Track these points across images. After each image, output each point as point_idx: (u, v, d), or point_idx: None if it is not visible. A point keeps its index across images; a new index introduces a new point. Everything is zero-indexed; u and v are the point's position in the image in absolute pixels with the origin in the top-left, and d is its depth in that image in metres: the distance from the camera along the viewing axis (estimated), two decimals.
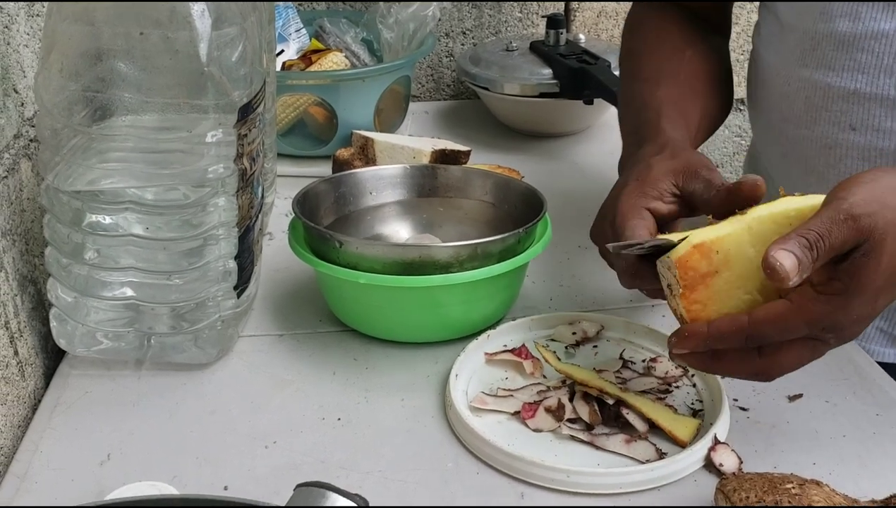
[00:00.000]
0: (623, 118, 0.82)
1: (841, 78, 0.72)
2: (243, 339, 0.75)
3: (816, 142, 0.75)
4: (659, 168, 0.64)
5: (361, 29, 1.23)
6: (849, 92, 0.72)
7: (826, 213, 0.52)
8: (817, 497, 0.50)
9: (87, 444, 0.63)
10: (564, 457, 0.61)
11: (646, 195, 0.62)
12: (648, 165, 0.64)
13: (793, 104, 0.77)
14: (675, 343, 0.56)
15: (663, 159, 0.65)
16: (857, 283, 0.52)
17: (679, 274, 0.55)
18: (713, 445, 0.60)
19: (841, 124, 0.73)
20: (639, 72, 0.81)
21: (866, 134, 0.72)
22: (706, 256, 0.55)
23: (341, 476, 0.60)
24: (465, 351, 0.70)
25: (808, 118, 0.75)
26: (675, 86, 0.77)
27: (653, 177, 0.63)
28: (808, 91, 0.75)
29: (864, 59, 0.71)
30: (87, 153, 0.65)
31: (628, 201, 0.62)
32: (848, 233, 0.51)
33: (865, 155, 0.73)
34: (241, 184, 0.68)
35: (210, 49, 0.62)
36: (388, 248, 0.72)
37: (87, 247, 0.67)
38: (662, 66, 0.80)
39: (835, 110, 0.73)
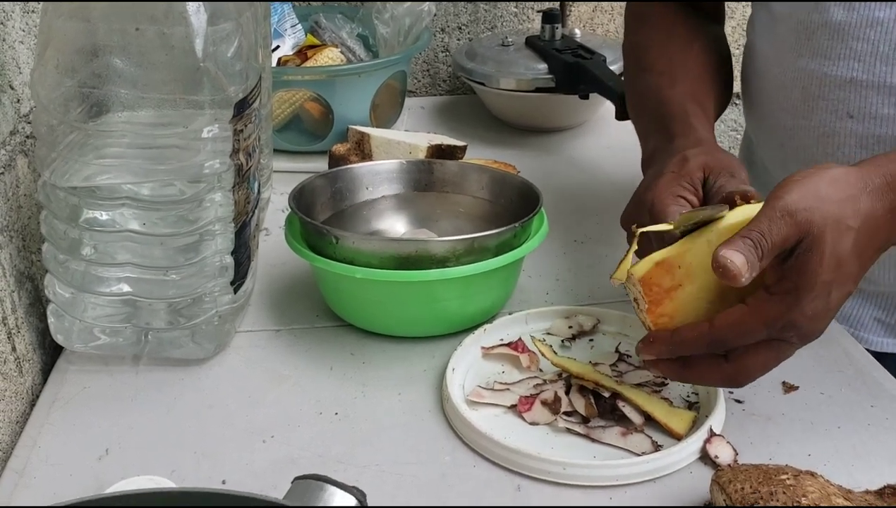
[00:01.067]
0: (640, 111, 0.82)
1: (837, 67, 0.72)
2: (240, 335, 0.75)
3: (814, 131, 0.75)
4: (695, 161, 0.65)
5: (357, 24, 1.23)
6: (845, 80, 0.72)
7: (765, 213, 0.54)
8: (812, 488, 0.50)
9: (86, 439, 0.64)
10: (561, 450, 0.61)
11: (681, 185, 0.63)
12: (685, 157, 0.66)
13: (789, 94, 0.77)
14: (642, 349, 0.58)
15: (699, 154, 0.66)
16: (804, 280, 0.54)
17: (644, 290, 0.57)
18: (709, 437, 0.61)
19: (838, 112, 0.73)
20: (651, 65, 0.82)
21: (864, 121, 0.72)
22: (669, 272, 0.57)
23: (339, 470, 0.60)
24: (462, 346, 0.71)
25: (805, 107, 0.76)
26: (691, 82, 0.78)
27: (688, 169, 0.64)
28: (805, 80, 0.75)
29: (861, 47, 0.71)
30: (83, 149, 0.65)
31: (666, 189, 0.63)
32: (787, 229, 0.53)
33: (863, 142, 0.73)
34: (238, 180, 0.68)
35: (206, 45, 0.62)
36: (384, 243, 0.72)
37: (84, 243, 0.67)
38: (675, 59, 0.81)
39: (832, 99, 0.73)
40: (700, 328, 0.56)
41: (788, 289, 0.54)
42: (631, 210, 0.68)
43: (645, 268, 0.57)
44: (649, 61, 0.82)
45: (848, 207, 0.54)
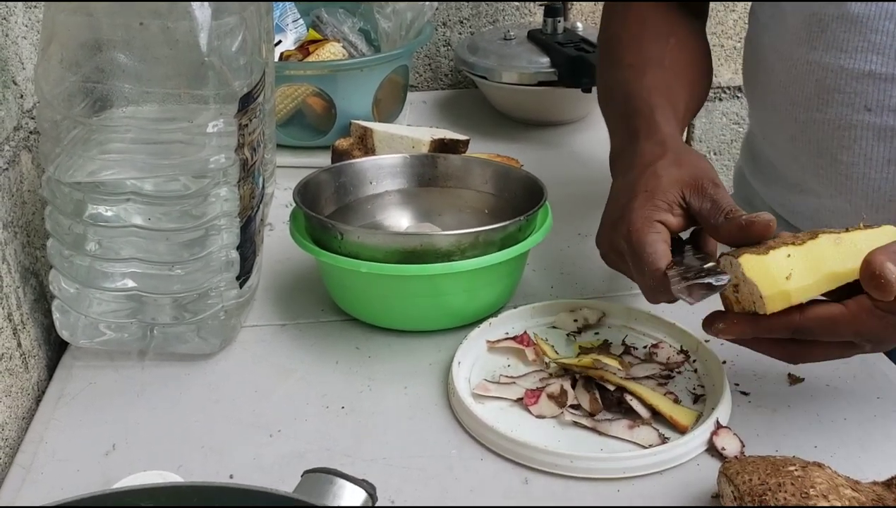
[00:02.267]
0: (607, 106, 0.81)
1: (854, 59, 0.72)
2: (246, 329, 0.75)
3: (829, 124, 0.75)
4: (667, 177, 0.63)
5: (359, 19, 1.22)
6: (863, 73, 0.72)
7: None
8: (820, 479, 0.50)
9: (92, 435, 0.64)
10: (567, 443, 0.62)
11: (657, 208, 0.61)
12: (656, 174, 0.63)
13: (802, 87, 0.76)
14: (723, 329, 0.57)
15: (669, 166, 0.64)
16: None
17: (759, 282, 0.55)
18: (715, 429, 0.61)
19: (855, 105, 0.73)
20: (621, 58, 0.80)
21: (882, 114, 0.72)
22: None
23: (346, 464, 0.60)
24: (467, 339, 0.71)
25: (820, 100, 0.75)
26: (661, 74, 0.77)
27: (662, 188, 0.62)
28: (819, 73, 0.74)
29: (879, 39, 0.70)
30: (87, 144, 0.65)
31: (641, 214, 0.61)
32: None
33: (881, 135, 0.72)
34: (243, 174, 0.68)
35: (210, 39, 0.62)
36: (389, 237, 0.72)
37: (89, 239, 0.67)
38: (646, 52, 0.79)
39: (848, 92, 0.73)
40: (790, 318, 0.55)
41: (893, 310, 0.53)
42: (605, 232, 0.66)
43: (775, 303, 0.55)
44: (619, 54, 0.81)
45: None
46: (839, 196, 0.76)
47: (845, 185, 0.75)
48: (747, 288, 0.56)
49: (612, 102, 0.79)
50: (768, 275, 0.55)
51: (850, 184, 0.75)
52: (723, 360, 0.67)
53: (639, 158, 0.67)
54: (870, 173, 0.74)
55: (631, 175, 0.66)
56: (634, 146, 0.69)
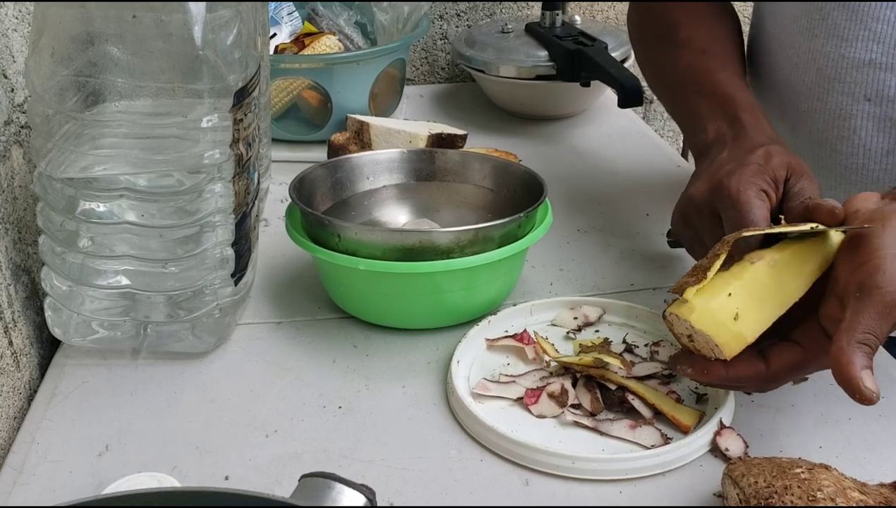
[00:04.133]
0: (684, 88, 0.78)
1: (855, 48, 0.71)
2: (241, 327, 0.74)
3: (829, 113, 0.74)
4: (779, 159, 0.64)
5: (355, 12, 1.21)
6: (863, 62, 0.71)
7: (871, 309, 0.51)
8: (827, 481, 0.49)
9: (85, 435, 0.63)
10: (568, 443, 0.61)
11: (766, 180, 0.62)
12: (769, 153, 0.64)
13: (802, 76, 0.76)
14: (692, 374, 0.57)
15: (783, 152, 0.65)
16: None
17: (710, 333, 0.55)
18: (719, 430, 0.60)
19: (855, 95, 0.72)
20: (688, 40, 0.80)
21: (881, 104, 0.71)
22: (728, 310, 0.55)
23: (343, 465, 0.59)
24: (466, 337, 0.70)
25: (821, 89, 0.74)
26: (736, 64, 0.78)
27: (773, 165, 0.63)
28: (820, 62, 0.74)
29: (880, 28, 0.70)
30: (79, 139, 0.64)
31: (751, 180, 0.62)
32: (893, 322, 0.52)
33: (880, 125, 0.72)
34: (238, 170, 0.66)
35: (205, 32, 0.61)
36: (388, 234, 0.71)
37: (81, 235, 0.65)
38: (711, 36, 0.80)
39: (848, 81, 0.72)
40: (756, 368, 0.56)
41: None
42: (706, 190, 0.65)
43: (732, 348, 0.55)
44: (684, 37, 0.80)
45: None
46: (839, 186, 0.75)
47: (844, 176, 0.75)
48: (701, 338, 0.56)
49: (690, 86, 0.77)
50: (716, 322, 0.55)
51: (849, 174, 0.74)
52: None
53: (750, 141, 0.67)
54: (869, 164, 0.73)
55: (741, 149, 0.66)
56: (740, 133, 0.69)
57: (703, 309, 0.55)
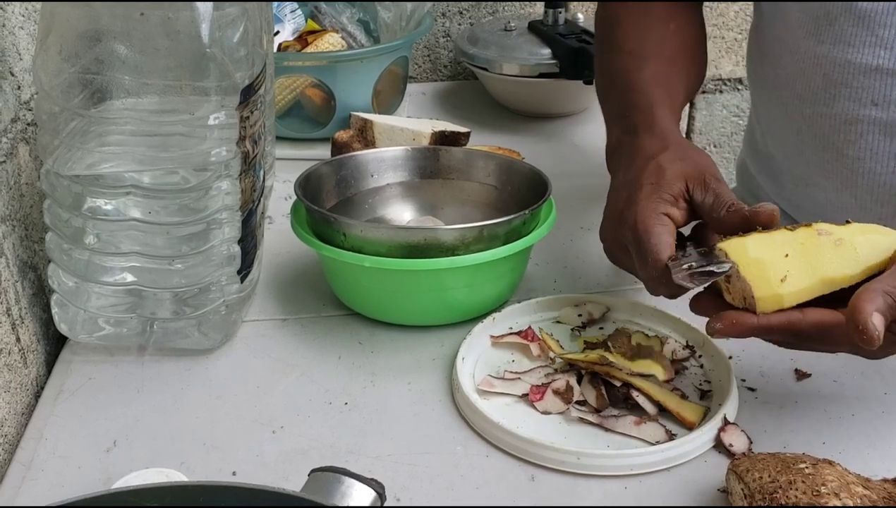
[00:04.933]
0: (605, 93, 0.79)
1: (862, 54, 0.71)
2: (247, 324, 0.74)
3: (836, 118, 0.74)
4: (671, 171, 0.63)
5: (358, 9, 1.21)
6: (870, 68, 0.71)
7: None
8: (831, 476, 0.50)
9: (93, 431, 0.63)
10: (574, 439, 0.61)
11: (663, 200, 0.61)
12: (660, 167, 0.63)
13: (809, 81, 0.76)
14: (720, 329, 0.56)
15: (673, 160, 0.64)
16: None
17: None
18: (723, 426, 0.60)
19: (862, 100, 0.72)
20: (621, 43, 0.79)
21: (888, 109, 0.71)
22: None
23: (350, 461, 0.59)
24: (471, 334, 0.70)
25: (827, 95, 0.74)
26: (661, 64, 0.76)
27: (667, 181, 0.62)
28: (826, 67, 0.74)
29: (887, 34, 0.70)
30: (86, 136, 0.64)
31: (648, 206, 0.61)
32: None
33: (887, 130, 0.72)
34: (244, 167, 0.67)
35: (212, 30, 0.61)
36: (393, 232, 0.71)
37: (88, 232, 0.66)
38: (647, 39, 0.78)
39: (855, 86, 0.72)
40: (791, 320, 0.54)
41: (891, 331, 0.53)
42: (609, 225, 0.66)
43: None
44: (619, 38, 0.79)
45: None
46: (845, 190, 0.76)
47: (851, 180, 0.75)
48: (740, 284, 0.55)
49: (611, 90, 0.78)
50: (764, 277, 0.54)
51: (855, 178, 0.74)
52: (729, 356, 0.67)
53: (639, 152, 0.66)
54: (875, 168, 0.73)
55: (633, 168, 0.66)
56: (633, 140, 0.68)
57: (755, 258, 0.54)
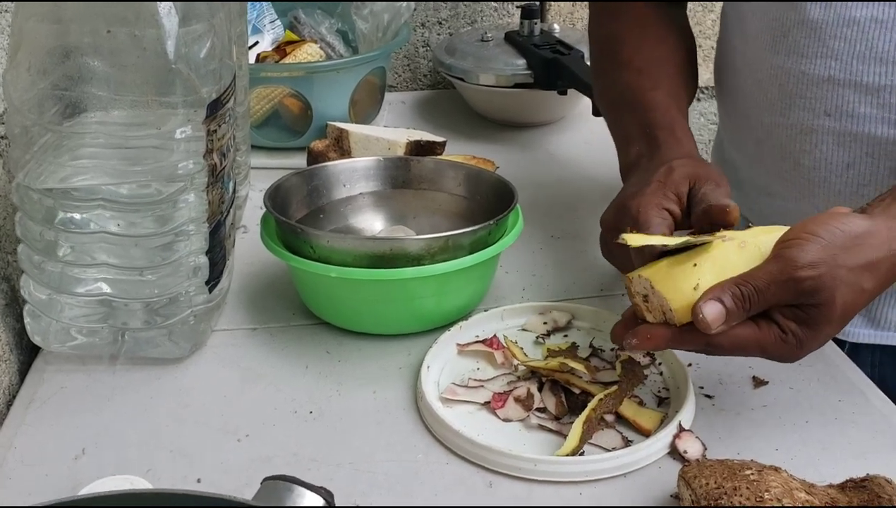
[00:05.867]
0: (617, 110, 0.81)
1: (814, 65, 0.73)
2: (217, 333, 0.75)
3: (792, 128, 0.76)
4: (680, 171, 0.66)
5: (336, 20, 1.23)
6: (822, 79, 0.73)
7: (771, 269, 0.55)
8: (775, 483, 0.51)
9: (62, 439, 0.64)
10: (532, 446, 0.62)
11: (667, 197, 0.64)
12: (671, 168, 0.66)
13: (766, 91, 0.77)
14: (635, 344, 0.58)
15: (685, 164, 0.67)
16: (812, 332, 0.56)
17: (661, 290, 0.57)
18: (678, 432, 0.61)
19: (816, 110, 0.74)
20: (628, 61, 0.81)
21: (841, 120, 0.73)
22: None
23: (312, 469, 0.60)
24: (438, 343, 0.71)
25: (783, 105, 0.76)
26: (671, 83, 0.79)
27: (673, 180, 0.65)
28: (782, 78, 0.75)
29: (837, 46, 0.71)
30: (58, 150, 0.65)
31: (651, 200, 0.64)
32: (787, 292, 0.55)
33: (841, 140, 0.74)
34: (211, 180, 0.68)
35: (178, 46, 0.62)
36: (359, 242, 0.73)
37: (60, 245, 0.67)
38: (653, 56, 0.81)
39: (809, 97, 0.74)
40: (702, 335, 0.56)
41: (797, 335, 0.56)
42: (613, 214, 0.68)
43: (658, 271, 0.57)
44: (625, 56, 0.82)
45: (867, 274, 0.56)
46: (803, 199, 0.77)
47: (808, 189, 0.76)
48: (657, 299, 0.57)
49: (621, 106, 0.79)
50: (676, 288, 0.56)
51: (812, 187, 0.76)
52: (688, 363, 0.68)
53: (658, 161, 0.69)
54: (830, 177, 0.75)
55: (648, 171, 0.68)
56: (657, 153, 0.71)
57: (667, 272, 0.56)
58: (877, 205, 0.59)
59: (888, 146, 0.72)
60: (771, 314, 0.56)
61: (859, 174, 0.74)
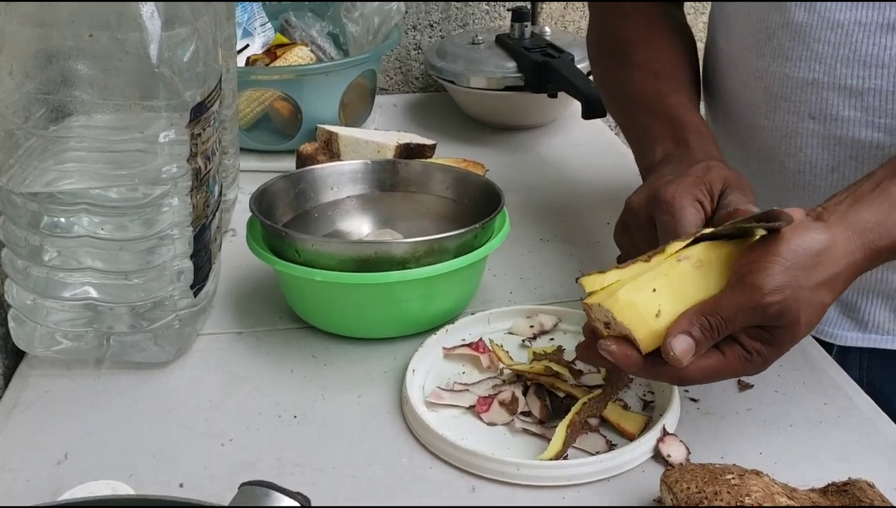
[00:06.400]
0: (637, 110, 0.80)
1: (798, 68, 0.73)
2: (203, 337, 0.75)
3: (777, 131, 0.76)
4: (717, 172, 0.66)
5: (327, 23, 1.23)
6: (806, 82, 0.73)
7: (737, 298, 0.55)
8: (756, 487, 0.51)
9: (46, 444, 0.64)
10: (516, 450, 0.62)
11: (702, 191, 0.64)
12: (708, 167, 0.67)
13: (751, 94, 0.78)
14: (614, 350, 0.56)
15: (723, 168, 0.67)
16: (776, 349, 0.57)
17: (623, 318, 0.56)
18: (662, 436, 0.61)
19: (800, 113, 0.74)
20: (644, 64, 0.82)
21: (825, 123, 0.73)
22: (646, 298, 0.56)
23: (295, 474, 0.60)
24: (424, 346, 0.71)
25: (768, 108, 0.76)
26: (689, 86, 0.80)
27: (710, 178, 0.65)
28: (767, 81, 0.76)
29: (821, 49, 0.72)
30: (43, 154, 0.65)
31: (688, 190, 0.64)
32: (753, 318, 0.55)
33: (825, 143, 0.74)
34: (196, 184, 0.68)
35: (161, 50, 0.62)
36: (344, 246, 0.73)
37: (46, 249, 0.67)
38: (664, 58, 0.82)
39: (794, 100, 0.74)
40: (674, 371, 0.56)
41: (762, 354, 0.57)
42: (644, 197, 0.67)
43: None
44: (640, 59, 0.82)
45: (825, 290, 0.56)
46: (787, 202, 0.77)
47: (793, 192, 0.76)
48: (619, 327, 0.56)
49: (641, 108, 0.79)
50: (638, 317, 0.55)
51: (796, 190, 0.76)
52: None
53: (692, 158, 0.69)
54: (815, 180, 0.75)
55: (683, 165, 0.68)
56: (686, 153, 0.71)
57: (627, 301, 0.55)
58: (833, 209, 0.59)
59: (872, 149, 0.72)
60: (736, 337, 0.56)
61: (843, 177, 0.74)
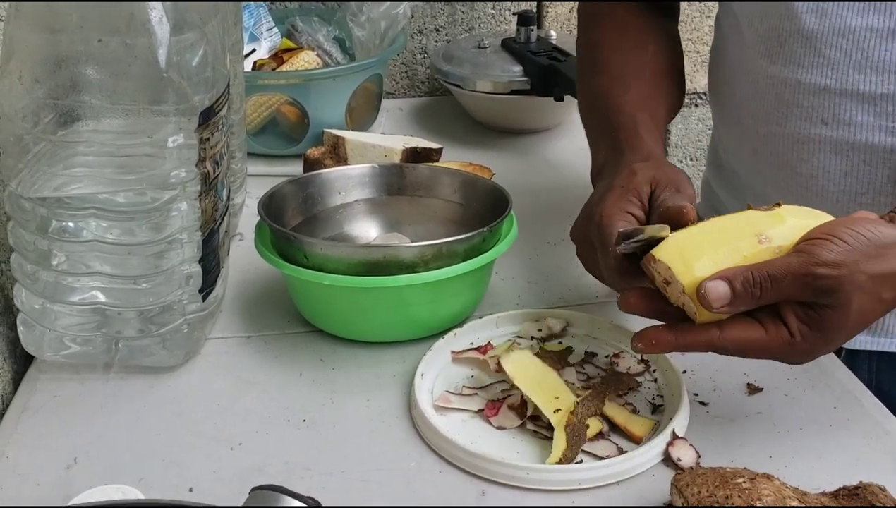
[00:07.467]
0: (589, 114, 0.82)
1: (810, 74, 0.73)
2: (211, 341, 0.75)
3: (788, 137, 0.76)
4: (643, 175, 0.66)
5: (334, 27, 1.23)
6: (819, 88, 0.73)
7: (790, 261, 0.54)
8: (767, 491, 0.51)
9: (55, 448, 0.64)
10: (526, 454, 0.62)
11: (630, 201, 0.64)
12: (633, 171, 0.66)
13: (762, 100, 0.77)
14: (643, 348, 0.58)
15: (647, 168, 0.67)
16: (824, 336, 0.55)
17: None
18: (671, 440, 0.61)
19: (812, 119, 0.74)
20: (604, 67, 0.81)
21: (838, 128, 0.73)
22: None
23: (305, 478, 0.60)
24: (432, 350, 0.71)
25: (780, 114, 0.76)
26: (643, 87, 0.78)
27: (636, 183, 0.65)
28: (778, 87, 0.75)
29: (833, 55, 0.71)
30: (52, 159, 0.65)
31: (613, 205, 0.64)
32: (802, 287, 0.54)
33: (838, 148, 0.74)
34: (204, 188, 0.68)
35: (169, 55, 0.62)
36: (352, 249, 0.73)
37: (54, 254, 0.67)
38: (628, 62, 0.81)
39: (806, 106, 0.74)
40: (709, 335, 0.56)
41: (807, 339, 0.55)
42: (580, 223, 0.69)
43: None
44: (602, 62, 0.82)
45: (887, 285, 0.55)
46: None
47: (806, 197, 0.76)
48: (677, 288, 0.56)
49: (594, 112, 0.80)
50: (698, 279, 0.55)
51: (810, 196, 0.76)
52: (682, 370, 0.68)
53: (621, 166, 0.69)
54: (828, 186, 0.75)
55: (611, 177, 0.68)
56: (620, 157, 0.71)
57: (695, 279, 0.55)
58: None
59: (885, 154, 0.72)
60: (782, 314, 0.55)
61: (857, 182, 0.74)
